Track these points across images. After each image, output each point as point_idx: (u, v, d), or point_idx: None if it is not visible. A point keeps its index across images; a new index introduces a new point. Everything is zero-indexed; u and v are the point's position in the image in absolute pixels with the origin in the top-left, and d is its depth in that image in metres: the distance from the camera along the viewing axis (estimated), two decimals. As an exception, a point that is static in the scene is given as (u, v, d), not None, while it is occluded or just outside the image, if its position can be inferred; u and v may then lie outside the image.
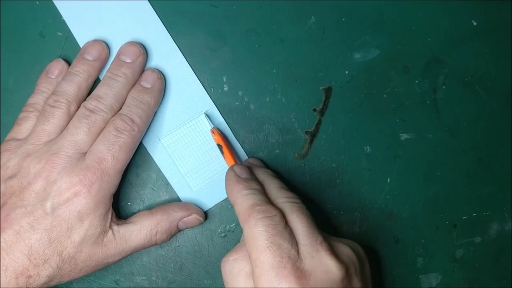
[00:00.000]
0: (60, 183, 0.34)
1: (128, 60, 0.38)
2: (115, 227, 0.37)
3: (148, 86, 0.39)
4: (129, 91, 0.38)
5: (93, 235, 0.35)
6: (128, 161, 0.37)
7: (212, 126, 0.40)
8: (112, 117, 0.37)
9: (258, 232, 0.32)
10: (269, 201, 0.34)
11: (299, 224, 0.33)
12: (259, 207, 0.33)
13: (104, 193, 0.35)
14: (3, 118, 0.40)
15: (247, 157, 0.42)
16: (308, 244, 0.32)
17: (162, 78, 0.39)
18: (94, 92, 0.37)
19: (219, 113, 0.41)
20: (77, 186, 0.34)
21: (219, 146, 0.39)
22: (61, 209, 0.34)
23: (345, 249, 0.34)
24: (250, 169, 0.37)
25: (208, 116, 0.41)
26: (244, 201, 0.34)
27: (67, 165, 0.35)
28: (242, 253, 0.34)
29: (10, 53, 0.40)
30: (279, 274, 0.31)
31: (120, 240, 0.37)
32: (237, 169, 0.37)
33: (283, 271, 0.31)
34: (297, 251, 0.32)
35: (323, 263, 0.32)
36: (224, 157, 0.39)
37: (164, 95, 0.40)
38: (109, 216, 0.36)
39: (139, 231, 0.38)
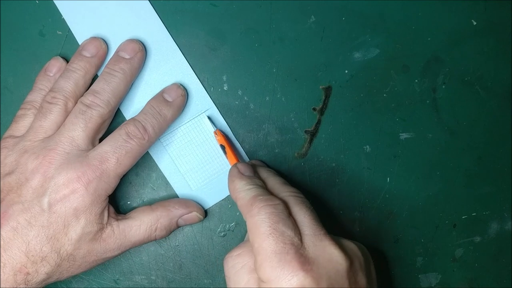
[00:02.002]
0: (57, 179, 0.34)
1: (127, 56, 0.38)
2: (114, 223, 0.37)
3: (170, 99, 0.39)
4: (127, 86, 0.38)
5: (91, 232, 0.35)
6: (131, 167, 0.37)
7: (215, 128, 0.40)
8: (108, 112, 0.37)
9: (260, 219, 0.32)
10: (272, 194, 0.35)
11: (302, 216, 0.33)
12: (261, 197, 0.33)
13: (100, 193, 0.35)
14: (2, 116, 0.40)
15: (248, 160, 0.42)
16: (312, 234, 0.32)
17: (185, 95, 0.40)
18: (91, 87, 0.37)
19: (220, 114, 0.41)
20: (74, 183, 0.34)
21: (222, 147, 0.39)
22: (58, 206, 0.34)
23: (349, 244, 0.34)
24: (253, 168, 0.38)
25: (210, 118, 0.41)
26: (247, 194, 0.34)
27: (64, 161, 0.35)
28: (246, 248, 0.33)
29: (10, 52, 0.40)
30: (281, 260, 0.30)
31: (119, 235, 0.37)
32: (241, 166, 0.37)
33: (286, 257, 0.30)
34: (300, 240, 0.32)
35: (326, 252, 0.32)
36: (227, 158, 0.39)
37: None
38: (106, 214, 0.36)
39: (138, 226, 0.38)
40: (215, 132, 0.40)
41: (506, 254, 0.44)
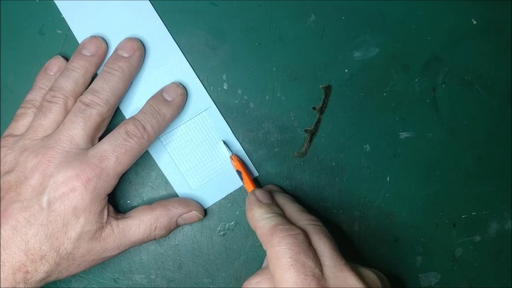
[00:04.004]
0: (56, 177, 0.34)
1: (125, 55, 0.38)
2: (114, 222, 0.37)
3: (169, 98, 0.39)
4: (126, 85, 0.38)
5: (90, 231, 0.35)
6: (130, 166, 0.37)
7: (231, 153, 0.40)
8: (108, 111, 0.37)
9: (281, 250, 0.32)
10: (291, 222, 0.34)
11: (322, 245, 0.33)
12: (282, 226, 0.33)
13: (99, 192, 0.35)
14: (2, 115, 0.40)
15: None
16: (332, 265, 0.32)
17: (184, 95, 0.40)
18: (90, 86, 0.37)
19: (220, 114, 0.41)
20: (73, 181, 0.34)
21: (238, 172, 0.40)
22: (57, 204, 0.34)
23: (369, 273, 0.34)
24: (270, 194, 0.38)
25: (226, 143, 0.41)
26: (267, 223, 0.34)
27: (64, 159, 0.35)
28: (265, 276, 0.33)
29: (9, 51, 0.40)
30: None
31: (119, 235, 0.37)
32: (259, 193, 0.37)
33: None
34: (321, 270, 0.32)
35: (347, 283, 0.32)
36: (243, 183, 0.40)
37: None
38: (105, 213, 0.36)
39: (138, 226, 0.38)
40: (231, 157, 0.40)
41: (506, 253, 0.44)
